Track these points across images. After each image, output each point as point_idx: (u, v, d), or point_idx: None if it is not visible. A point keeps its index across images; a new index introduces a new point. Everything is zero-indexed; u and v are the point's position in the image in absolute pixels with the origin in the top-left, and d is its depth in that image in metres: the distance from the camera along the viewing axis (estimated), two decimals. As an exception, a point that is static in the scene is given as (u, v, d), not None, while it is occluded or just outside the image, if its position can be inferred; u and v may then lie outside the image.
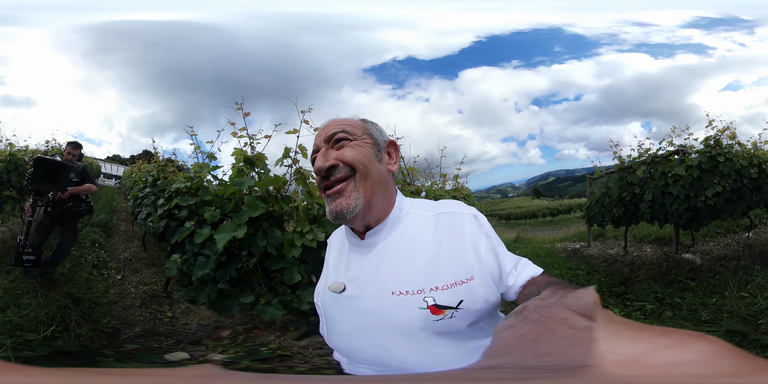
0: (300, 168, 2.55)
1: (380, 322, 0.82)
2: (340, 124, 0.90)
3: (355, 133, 0.89)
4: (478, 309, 0.80)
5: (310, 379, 0.40)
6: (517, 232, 12.82)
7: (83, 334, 2.90)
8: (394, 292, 0.81)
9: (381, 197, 0.87)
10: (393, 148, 0.94)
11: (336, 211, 0.83)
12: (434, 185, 4.94)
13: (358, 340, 0.86)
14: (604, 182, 6.50)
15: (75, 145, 4.30)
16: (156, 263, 5.35)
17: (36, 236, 3.91)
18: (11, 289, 3.33)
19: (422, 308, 0.79)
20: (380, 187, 0.86)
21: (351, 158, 0.84)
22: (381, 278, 0.84)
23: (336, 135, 0.87)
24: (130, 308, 3.73)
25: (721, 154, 4.52)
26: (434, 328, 0.79)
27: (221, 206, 2.51)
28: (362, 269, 0.87)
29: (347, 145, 0.86)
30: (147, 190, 5.06)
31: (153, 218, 3.56)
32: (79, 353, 0.69)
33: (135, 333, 3.14)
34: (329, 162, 0.85)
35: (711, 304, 3.56)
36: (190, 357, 0.92)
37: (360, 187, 0.84)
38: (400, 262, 0.84)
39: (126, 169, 14.42)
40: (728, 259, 4.90)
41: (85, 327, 2.97)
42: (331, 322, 0.92)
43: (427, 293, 0.79)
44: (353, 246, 0.92)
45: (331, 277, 0.93)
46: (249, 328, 3.20)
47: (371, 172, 0.85)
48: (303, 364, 2.34)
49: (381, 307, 0.82)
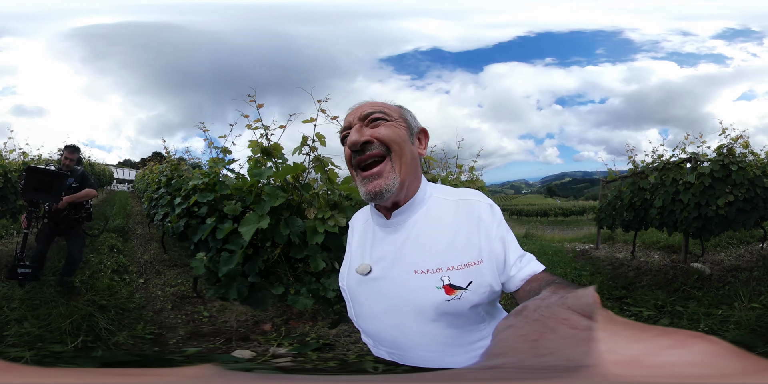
0: (318, 155, 2.50)
1: (402, 302, 0.86)
2: (377, 106, 0.92)
3: (392, 115, 0.92)
4: (482, 292, 0.84)
5: (310, 379, 0.40)
6: (527, 228, 12.88)
7: (122, 341, 2.83)
8: (417, 271, 0.85)
9: (412, 177, 0.91)
10: (424, 135, 0.99)
11: (374, 191, 0.86)
12: (450, 175, 4.93)
13: (383, 322, 0.90)
14: (617, 186, 6.56)
15: (72, 148, 4.03)
16: (178, 264, 5.37)
17: (36, 247, 3.84)
18: (28, 299, 3.29)
19: (438, 287, 0.83)
20: (413, 167, 0.90)
21: (387, 137, 0.87)
22: (405, 257, 0.88)
23: (373, 114, 0.90)
24: (162, 311, 3.70)
25: (734, 162, 4.43)
26: (444, 308, 0.83)
27: (241, 199, 2.46)
28: (388, 248, 0.91)
29: (383, 125, 0.89)
30: (161, 190, 5.04)
31: (171, 218, 3.52)
32: (135, 362, 0.65)
33: (181, 336, 3.11)
34: (365, 137, 0.87)
35: (716, 315, 3.45)
36: (256, 354, 0.88)
37: (396, 167, 0.87)
38: (424, 241, 0.88)
39: (138, 172, 14.55)
40: (740, 270, 4.83)
41: (120, 335, 2.91)
42: (358, 306, 0.96)
43: (444, 272, 0.84)
44: (379, 226, 0.96)
45: (356, 258, 0.97)
46: (284, 319, 3.18)
47: (405, 152, 0.89)
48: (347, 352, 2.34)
49: (404, 286, 0.86)
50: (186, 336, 3.10)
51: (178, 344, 2.93)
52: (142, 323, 3.27)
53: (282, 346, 2.48)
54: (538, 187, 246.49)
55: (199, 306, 3.78)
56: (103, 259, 5.17)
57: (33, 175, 3.23)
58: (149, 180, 7.08)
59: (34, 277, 3.15)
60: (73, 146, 4.04)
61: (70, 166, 3.94)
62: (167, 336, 3.10)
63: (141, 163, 15.62)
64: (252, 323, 3.28)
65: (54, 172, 3.37)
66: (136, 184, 13.52)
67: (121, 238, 6.81)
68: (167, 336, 3.10)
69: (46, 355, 2.44)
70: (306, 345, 2.34)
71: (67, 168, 3.90)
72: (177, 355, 2.36)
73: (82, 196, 3.91)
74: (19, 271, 3.06)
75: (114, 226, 7.71)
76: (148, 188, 6.81)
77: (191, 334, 3.14)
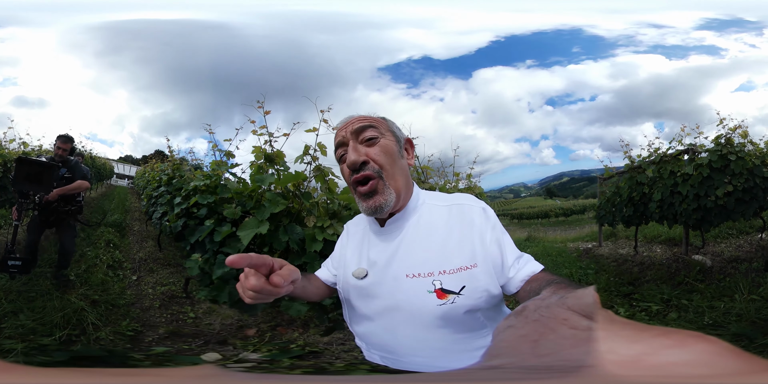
0: (319, 165, 2.54)
1: (394, 306, 0.89)
2: (365, 120, 0.95)
3: (382, 129, 0.95)
4: (478, 297, 0.84)
5: (310, 379, 0.41)
6: (528, 231, 12.80)
7: (103, 337, 2.83)
8: (408, 275, 0.87)
9: (405, 189, 0.94)
10: (410, 144, 1.03)
11: (374, 207, 0.90)
12: (447, 184, 4.94)
13: (374, 325, 0.93)
14: (615, 182, 6.54)
15: (65, 138, 3.88)
16: (172, 263, 5.36)
17: (27, 237, 3.81)
18: (25, 292, 3.28)
19: (430, 291, 0.84)
20: (404, 180, 0.94)
21: (381, 159, 0.91)
22: (397, 262, 0.90)
23: (365, 130, 0.93)
24: (149, 310, 3.69)
25: (733, 152, 4.40)
26: (436, 312, 0.84)
27: (242, 203, 2.50)
28: (382, 254, 0.94)
29: (376, 144, 0.92)
30: (162, 189, 5.05)
31: (170, 217, 3.53)
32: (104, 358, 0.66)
33: (159, 335, 3.09)
34: (363, 157, 0.91)
35: (719, 308, 3.45)
36: (222, 357, 0.91)
37: (390, 184, 0.91)
38: (416, 246, 0.91)
39: (138, 169, 14.58)
40: (740, 261, 4.82)
41: (104, 330, 2.91)
42: (351, 309, 0.99)
43: (435, 276, 0.85)
44: (374, 233, 0.99)
45: (352, 262, 1.00)
46: (272, 325, 3.17)
47: (397, 168, 0.93)
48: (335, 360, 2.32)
49: (397, 290, 0.88)
50: (164, 335, 3.08)
51: (151, 343, 2.92)
52: (127, 320, 3.26)
53: (258, 352, 2.47)
54: (537, 189, 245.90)
55: (187, 307, 3.76)
56: (99, 254, 5.15)
57: (23, 165, 3.20)
58: (150, 177, 7.08)
59: (25, 270, 3.12)
60: (66, 136, 3.92)
61: (62, 156, 3.84)
62: (146, 334, 3.09)
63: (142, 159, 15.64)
64: (236, 327, 3.27)
65: (46, 163, 3.32)
66: (136, 180, 13.53)
67: (118, 234, 6.80)
68: (146, 334, 3.09)
69: (34, 348, 2.43)
70: (286, 351, 2.34)
71: (59, 158, 3.81)
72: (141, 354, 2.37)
73: (73, 188, 3.82)
74: (9, 263, 3.04)
75: (112, 221, 7.70)
76: (148, 185, 6.82)
77: (170, 333, 3.12)
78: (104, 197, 13.13)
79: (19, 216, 3.37)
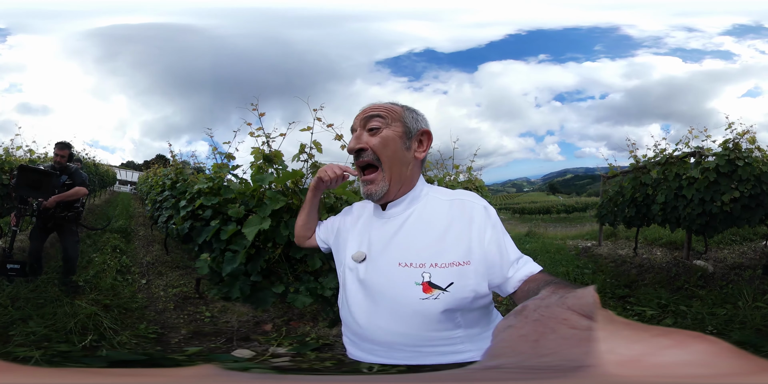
0: (315, 162, 2.62)
1: (381, 293, 0.90)
2: (376, 109, 0.97)
3: (388, 119, 0.96)
4: (462, 297, 0.84)
5: (310, 379, 0.42)
6: (529, 226, 12.76)
7: (125, 341, 2.86)
8: (401, 263, 0.88)
9: (402, 178, 0.96)
10: (426, 136, 1.01)
11: (367, 194, 0.97)
12: (447, 176, 4.92)
13: (362, 313, 0.93)
14: (618, 181, 6.40)
15: (62, 145, 3.94)
16: (180, 265, 5.42)
17: (30, 244, 3.89)
18: (33, 298, 3.30)
19: (417, 283, 0.85)
20: (401, 172, 0.96)
21: (378, 148, 0.94)
22: (393, 249, 0.92)
23: (372, 119, 0.96)
24: (165, 312, 3.75)
25: (741, 157, 4.29)
26: (416, 306, 0.84)
27: (245, 202, 2.58)
28: (380, 237, 0.96)
29: (378, 134, 0.95)
30: (166, 193, 5.11)
31: (176, 220, 3.61)
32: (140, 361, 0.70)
33: (183, 336, 3.15)
34: (359, 145, 0.95)
35: (720, 315, 3.34)
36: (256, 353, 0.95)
37: (386, 176, 0.94)
38: (412, 236, 0.92)
39: (141, 174, 14.66)
40: (743, 268, 4.70)
41: (123, 334, 2.94)
42: (343, 293, 1.01)
43: (426, 268, 0.85)
44: (376, 216, 1.02)
45: (353, 244, 1.01)
46: (285, 320, 3.25)
47: (395, 160, 0.95)
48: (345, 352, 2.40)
49: (386, 278, 0.90)
50: (188, 336, 3.13)
51: (180, 344, 2.97)
52: (144, 323, 3.30)
53: (282, 346, 2.52)
54: (540, 185, 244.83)
55: (201, 307, 3.83)
56: (106, 259, 5.20)
57: (24, 173, 3.32)
58: (153, 182, 7.11)
59: (23, 274, 3.19)
60: (63, 143, 3.98)
61: (61, 163, 3.89)
62: (170, 335, 3.14)
63: (144, 165, 15.69)
64: (253, 324, 3.34)
65: (45, 171, 3.44)
66: (139, 186, 13.61)
67: (123, 239, 6.86)
68: (170, 335, 3.14)
69: (54, 355, 2.45)
70: (305, 345, 2.39)
71: (58, 165, 3.86)
72: (179, 354, 2.46)
73: (71, 194, 3.86)
74: (8, 266, 3.13)
75: (117, 227, 7.78)
76: (152, 190, 6.88)
77: (193, 333, 3.18)
78: (108, 204, 13.21)
79: (17, 222, 3.48)
